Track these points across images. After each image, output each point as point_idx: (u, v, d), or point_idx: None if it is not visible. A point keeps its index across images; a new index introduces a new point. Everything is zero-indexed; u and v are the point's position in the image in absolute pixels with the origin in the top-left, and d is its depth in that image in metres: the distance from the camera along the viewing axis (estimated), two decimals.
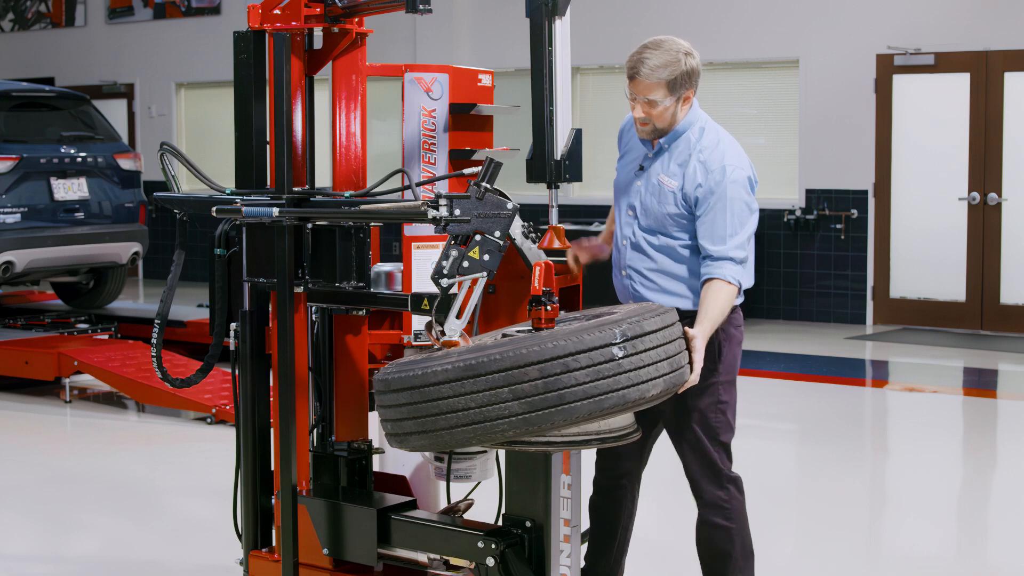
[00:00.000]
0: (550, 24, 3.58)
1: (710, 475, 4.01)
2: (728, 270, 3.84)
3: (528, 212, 3.74)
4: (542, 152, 3.63)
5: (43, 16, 17.03)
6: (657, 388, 3.36)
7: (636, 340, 3.32)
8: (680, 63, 3.85)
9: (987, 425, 8.32)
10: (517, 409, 3.23)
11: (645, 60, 3.85)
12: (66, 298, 10.80)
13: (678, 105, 3.90)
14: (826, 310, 12.14)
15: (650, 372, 3.34)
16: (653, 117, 3.90)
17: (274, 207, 3.92)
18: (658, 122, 3.92)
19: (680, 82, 3.86)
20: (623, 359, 3.28)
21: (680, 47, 3.88)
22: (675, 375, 3.47)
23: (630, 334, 3.31)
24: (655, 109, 3.89)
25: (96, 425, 8.15)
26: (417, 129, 4.37)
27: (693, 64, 3.89)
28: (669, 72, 3.84)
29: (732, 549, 4.03)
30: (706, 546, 4.08)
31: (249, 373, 4.27)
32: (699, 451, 4.00)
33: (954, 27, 11.50)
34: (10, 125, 9.57)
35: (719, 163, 3.89)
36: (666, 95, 3.86)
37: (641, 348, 3.33)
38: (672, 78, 3.84)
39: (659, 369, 3.38)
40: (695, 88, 3.93)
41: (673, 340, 3.49)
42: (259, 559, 4.28)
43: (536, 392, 3.21)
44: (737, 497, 4.03)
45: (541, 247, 3.72)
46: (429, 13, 3.90)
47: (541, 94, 3.61)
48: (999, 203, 11.39)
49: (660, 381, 3.37)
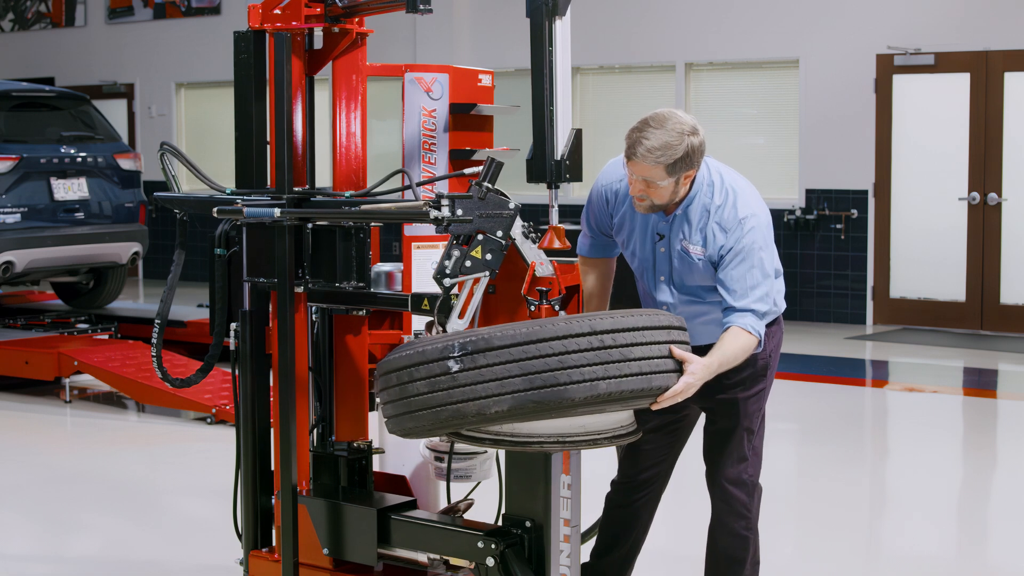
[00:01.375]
0: (550, 24, 3.58)
1: (739, 483, 4.00)
2: (748, 320, 3.76)
3: (528, 212, 3.74)
4: (542, 152, 3.62)
5: (43, 16, 17.03)
6: (503, 405, 3.25)
7: (476, 355, 3.27)
8: (680, 145, 3.67)
9: (987, 425, 8.32)
10: (391, 411, 3.47)
11: (643, 141, 3.67)
12: (66, 298, 10.80)
13: (678, 184, 3.75)
14: (826, 310, 12.14)
15: (491, 388, 3.26)
16: (651, 195, 3.75)
17: (275, 207, 3.92)
18: (656, 200, 3.77)
19: (680, 164, 3.69)
20: (458, 373, 3.28)
21: (683, 126, 3.69)
22: (536, 392, 3.26)
23: (470, 348, 3.28)
24: (652, 189, 3.74)
25: (96, 425, 8.15)
26: (417, 129, 4.37)
27: (695, 143, 3.69)
28: (668, 156, 3.66)
29: (746, 557, 4.04)
30: (721, 550, 4.06)
31: (249, 373, 4.27)
32: (736, 457, 3.99)
33: (954, 27, 11.50)
34: (10, 125, 9.57)
35: (735, 220, 3.78)
36: (664, 176, 3.70)
37: (482, 363, 3.26)
38: (671, 161, 3.67)
39: (505, 386, 3.25)
40: (697, 166, 3.76)
41: (535, 357, 3.29)
42: (259, 559, 4.29)
43: (397, 398, 3.43)
44: (758, 507, 4.05)
45: (541, 247, 3.71)
46: (429, 13, 3.89)
47: (541, 94, 3.61)
48: (999, 203, 11.39)
49: (508, 398, 3.25)
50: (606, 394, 3.27)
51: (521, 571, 3.65)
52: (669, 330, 3.48)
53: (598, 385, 3.26)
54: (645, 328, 3.39)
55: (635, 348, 3.34)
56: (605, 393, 3.27)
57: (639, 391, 3.36)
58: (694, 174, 3.77)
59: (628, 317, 3.38)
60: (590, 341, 3.27)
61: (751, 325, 3.76)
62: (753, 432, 4.02)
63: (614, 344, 3.30)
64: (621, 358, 3.31)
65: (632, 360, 3.33)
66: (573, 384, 3.24)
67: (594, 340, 3.27)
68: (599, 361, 3.27)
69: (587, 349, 3.26)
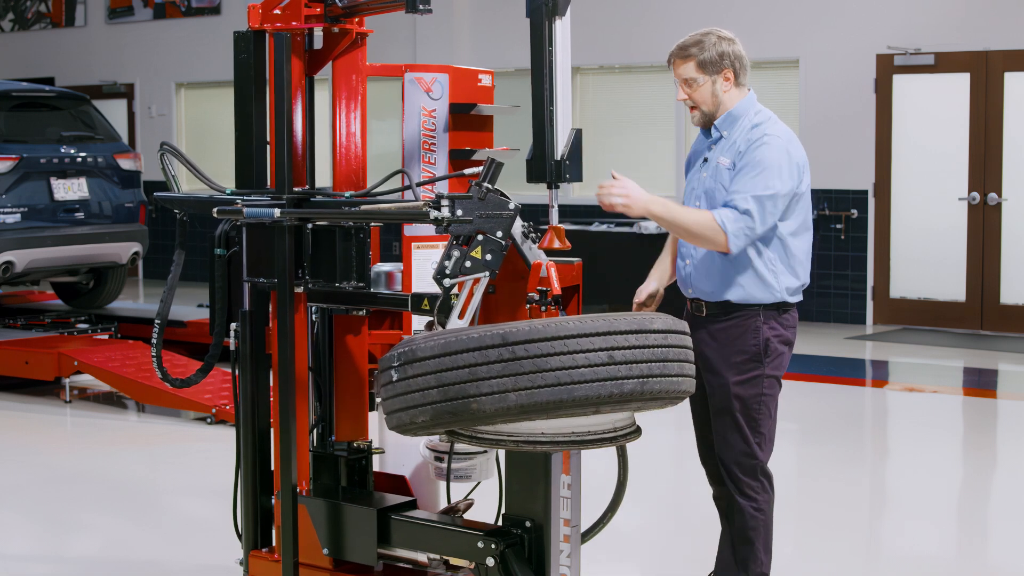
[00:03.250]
0: (550, 24, 3.59)
1: (745, 464, 4.10)
2: (724, 212, 3.92)
3: (528, 212, 3.74)
4: (542, 152, 3.63)
5: (43, 16, 17.03)
6: (425, 415, 3.25)
7: (407, 365, 3.29)
8: (710, 42, 4.01)
9: (987, 425, 8.32)
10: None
11: (679, 42, 4.05)
12: (66, 298, 10.80)
13: (716, 85, 4.02)
14: (826, 310, 12.14)
15: (416, 399, 3.27)
16: (694, 98, 4.05)
17: (275, 207, 3.92)
18: (701, 104, 4.05)
19: (711, 60, 4.01)
20: (397, 382, 3.31)
21: (716, 31, 4.06)
22: (451, 405, 3.23)
23: (404, 359, 3.30)
24: (693, 90, 4.03)
25: (96, 425, 8.15)
26: (417, 129, 4.37)
27: (726, 48, 4.03)
28: (698, 49, 4.01)
29: (756, 539, 4.12)
30: (736, 529, 4.16)
31: (249, 373, 4.27)
32: (738, 439, 4.09)
33: (954, 27, 11.49)
34: (10, 125, 9.57)
35: (761, 132, 3.99)
36: (700, 73, 4.00)
37: (412, 373, 3.28)
38: (701, 56, 4.00)
39: (427, 396, 3.24)
40: (735, 71, 4.04)
41: (450, 369, 3.25)
42: (259, 559, 4.28)
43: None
44: (767, 490, 4.14)
45: (541, 247, 3.72)
46: (429, 13, 3.90)
47: (541, 94, 3.61)
48: (999, 203, 11.38)
49: (429, 408, 3.25)
50: (517, 406, 3.18)
51: (521, 571, 3.65)
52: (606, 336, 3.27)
53: (508, 397, 3.18)
54: (568, 336, 3.22)
55: (552, 358, 3.19)
56: (516, 405, 3.18)
57: (557, 402, 3.20)
58: (732, 79, 4.03)
59: (548, 326, 3.23)
60: (500, 353, 3.19)
61: (722, 215, 3.91)
62: (755, 419, 4.09)
63: (526, 355, 3.18)
64: (535, 368, 3.18)
65: (548, 371, 3.18)
66: (483, 396, 3.19)
67: (505, 352, 3.19)
68: (509, 373, 3.18)
69: (497, 361, 3.19)
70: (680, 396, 3.35)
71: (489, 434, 3.40)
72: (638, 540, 5.61)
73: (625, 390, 3.21)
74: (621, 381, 3.20)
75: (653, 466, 4.31)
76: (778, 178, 3.93)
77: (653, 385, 3.25)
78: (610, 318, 3.25)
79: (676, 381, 3.31)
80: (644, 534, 5.72)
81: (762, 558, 4.13)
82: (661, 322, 3.33)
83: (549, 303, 3.67)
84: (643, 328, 3.27)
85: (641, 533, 5.70)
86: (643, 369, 3.24)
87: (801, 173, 4.00)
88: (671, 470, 6.88)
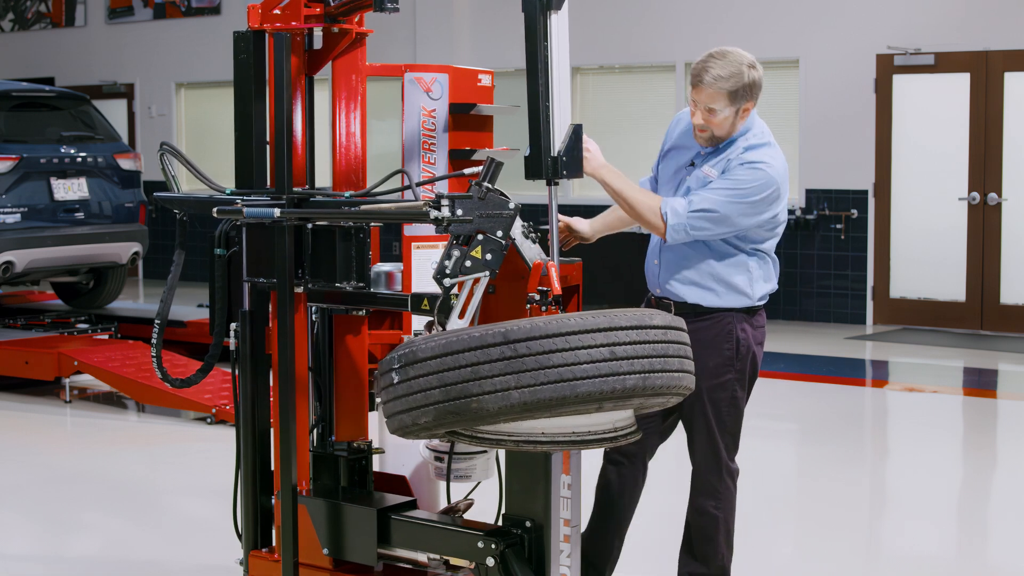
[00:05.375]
0: (545, 18, 3.58)
1: (713, 463, 4.16)
2: (675, 204, 3.95)
3: (527, 212, 3.74)
4: (539, 148, 3.62)
5: (43, 16, 17.03)
6: (428, 416, 3.25)
7: (408, 367, 3.29)
8: (743, 75, 3.95)
9: (987, 425, 8.32)
10: None
11: (709, 68, 3.95)
12: (66, 298, 10.80)
13: (737, 116, 3.99)
14: (826, 310, 12.14)
15: (418, 400, 3.28)
16: (712, 125, 4.00)
17: (275, 207, 3.92)
18: (716, 131, 4.02)
19: (742, 93, 3.96)
20: (399, 384, 3.31)
21: (744, 59, 3.98)
22: (453, 405, 3.24)
23: (405, 361, 3.30)
24: (715, 118, 3.99)
25: (96, 425, 8.15)
26: (417, 129, 4.37)
27: (755, 77, 3.98)
28: (732, 83, 3.94)
29: (716, 535, 4.19)
30: (694, 528, 4.23)
31: (249, 373, 4.27)
32: (708, 439, 4.14)
33: (954, 27, 11.50)
34: (10, 125, 9.57)
35: (753, 157, 3.99)
36: (727, 105, 3.96)
37: (413, 375, 3.28)
38: (734, 89, 3.94)
39: (429, 397, 3.25)
40: (755, 100, 4.01)
41: (453, 370, 3.25)
42: (259, 559, 4.28)
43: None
44: (731, 488, 4.19)
45: (530, 290, 3.68)
46: (396, 12, 3.92)
47: (536, 89, 3.60)
48: (999, 203, 11.39)
49: (431, 409, 3.25)
50: (520, 404, 3.18)
51: (521, 571, 3.65)
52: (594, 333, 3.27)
53: (510, 395, 3.19)
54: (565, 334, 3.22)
55: (554, 355, 3.19)
56: (519, 403, 3.18)
57: (558, 399, 3.19)
58: (752, 108, 4.01)
59: (547, 323, 3.24)
60: (502, 351, 3.19)
61: (671, 206, 3.96)
62: (724, 421, 4.14)
63: (528, 352, 3.18)
64: (537, 366, 3.18)
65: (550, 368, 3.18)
66: (486, 394, 3.19)
67: (507, 350, 3.20)
68: (511, 371, 3.18)
69: (499, 359, 3.20)
70: (681, 391, 3.36)
71: (489, 434, 3.40)
72: (638, 540, 5.61)
73: (627, 385, 3.21)
74: (623, 376, 3.21)
75: (653, 466, 4.32)
76: (745, 203, 3.96)
77: (655, 380, 3.26)
78: (610, 314, 3.27)
79: (677, 376, 3.32)
80: (644, 534, 5.72)
81: (723, 551, 4.21)
82: (661, 318, 3.35)
83: (549, 303, 3.66)
84: (643, 324, 3.28)
85: (641, 534, 5.70)
86: (644, 364, 3.24)
87: (771, 205, 4.01)
88: (671, 472, 6.88)
